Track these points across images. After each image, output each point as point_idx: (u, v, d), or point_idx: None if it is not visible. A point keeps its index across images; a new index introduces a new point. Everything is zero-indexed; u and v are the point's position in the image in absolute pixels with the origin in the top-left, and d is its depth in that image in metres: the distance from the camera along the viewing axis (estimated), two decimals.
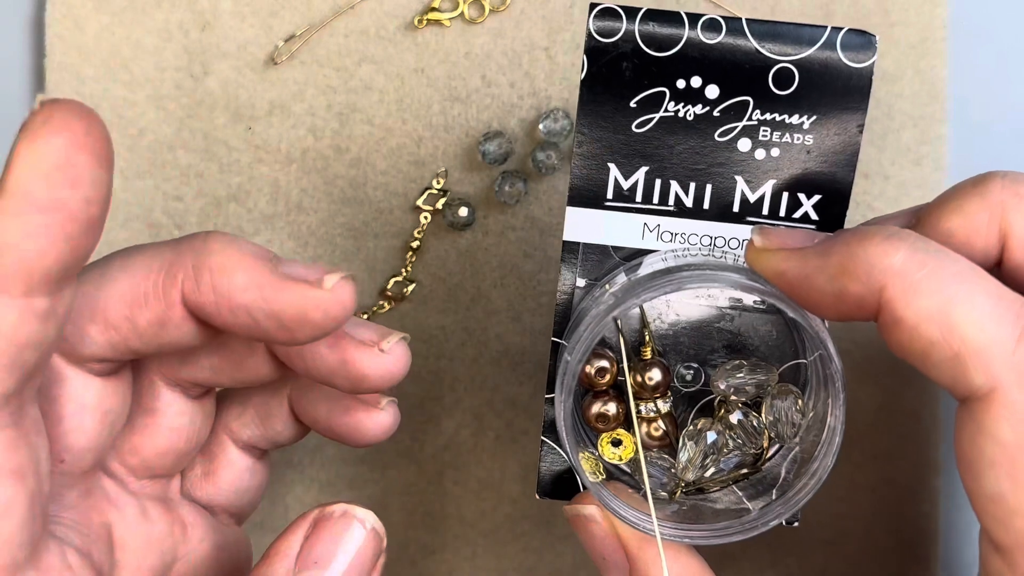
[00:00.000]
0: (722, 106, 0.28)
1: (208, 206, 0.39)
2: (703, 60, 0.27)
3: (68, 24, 0.39)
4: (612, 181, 0.28)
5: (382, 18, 0.39)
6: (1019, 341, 0.23)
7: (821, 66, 0.27)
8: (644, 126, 0.28)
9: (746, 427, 0.29)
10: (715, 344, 0.30)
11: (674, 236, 0.29)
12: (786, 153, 0.28)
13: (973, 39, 0.39)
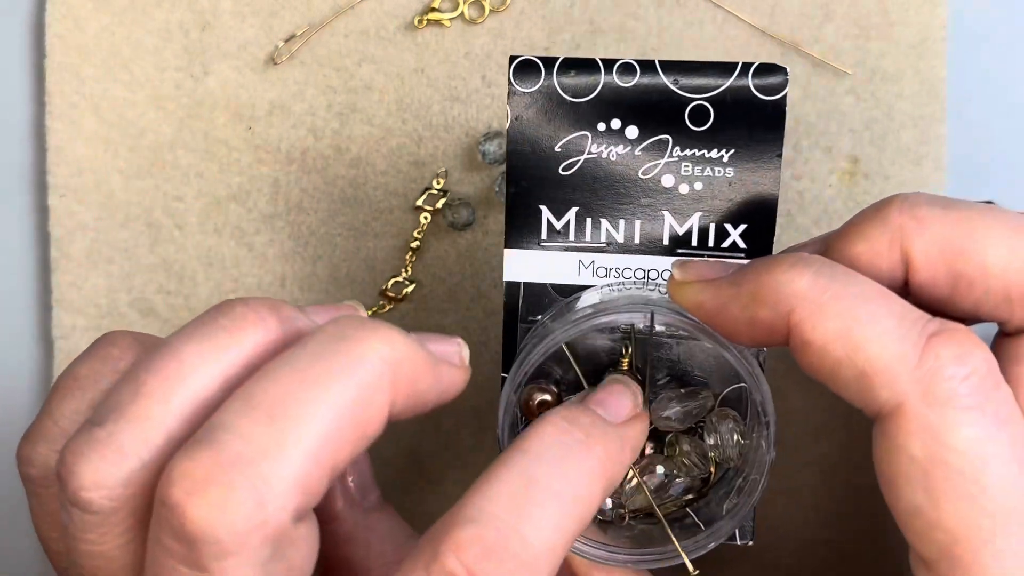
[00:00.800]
0: (643, 145, 0.29)
1: (208, 206, 0.39)
2: (620, 102, 0.28)
3: (68, 24, 0.39)
4: (545, 222, 0.29)
5: (382, 18, 0.39)
6: (922, 357, 0.23)
7: (734, 101, 0.28)
8: (570, 168, 0.29)
9: (693, 453, 0.30)
10: (657, 373, 0.30)
11: (608, 271, 0.29)
12: (709, 186, 0.29)
13: (973, 39, 0.39)
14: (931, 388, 0.23)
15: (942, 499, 0.23)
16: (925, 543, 0.24)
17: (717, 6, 0.38)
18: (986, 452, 0.23)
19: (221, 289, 0.39)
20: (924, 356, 0.23)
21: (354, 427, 0.23)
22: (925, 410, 0.23)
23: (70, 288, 0.39)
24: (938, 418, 0.23)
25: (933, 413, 0.23)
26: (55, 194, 0.39)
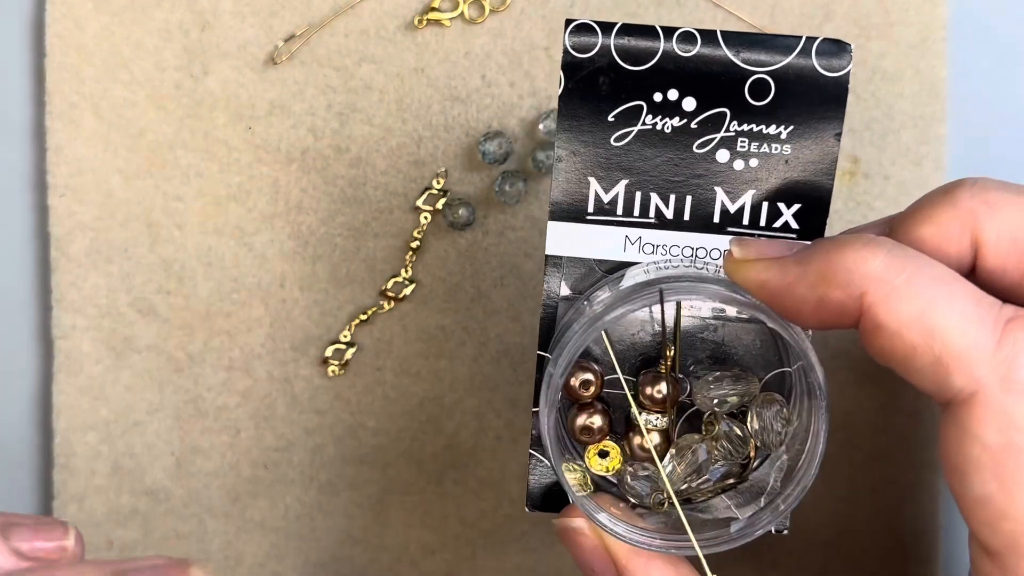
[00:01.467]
0: (699, 118, 0.28)
1: (208, 206, 0.39)
2: (679, 73, 0.27)
3: (68, 24, 0.39)
4: (593, 195, 0.28)
5: (382, 18, 0.39)
6: (999, 343, 0.23)
7: (797, 76, 0.27)
8: (623, 139, 0.28)
9: (732, 437, 0.29)
10: (699, 355, 0.30)
11: (656, 248, 0.29)
12: (765, 163, 0.28)
13: (973, 39, 0.39)
14: (1010, 374, 0.23)
15: (1015, 488, 0.23)
16: (993, 533, 0.24)
17: (717, 6, 0.38)
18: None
19: (221, 289, 0.39)
20: (1002, 342, 0.23)
21: None
22: (1002, 397, 0.23)
23: (70, 288, 0.39)
24: (1015, 405, 0.23)
25: (1010, 400, 0.23)
26: (55, 194, 0.39)
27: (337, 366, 0.39)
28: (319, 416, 0.39)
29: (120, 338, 0.39)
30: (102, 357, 0.39)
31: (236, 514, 0.40)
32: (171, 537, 0.40)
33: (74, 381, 0.39)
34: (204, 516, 0.40)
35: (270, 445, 0.39)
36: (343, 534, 0.40)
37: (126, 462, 0.40)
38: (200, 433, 0.39)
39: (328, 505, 0.39)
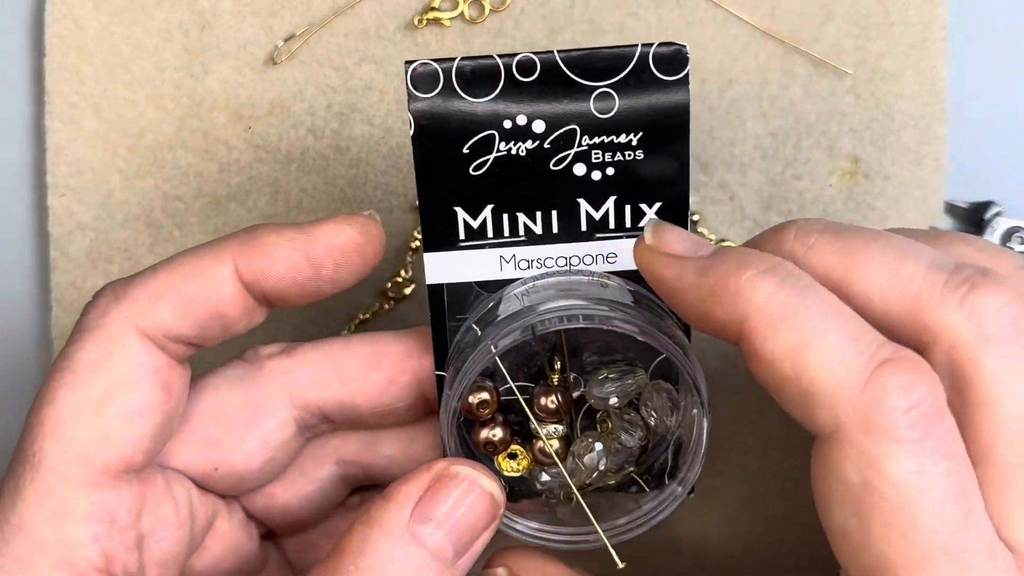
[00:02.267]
0: (551, 138, 0.28)
1: (208, 206, 0.39)
2: (524, 98, 0.28)
3: (68, 24, 0.39)
4: (461, 222, 0.29)
5: (382, 18, 0.39)
6: (867, 384, 0.23)
7: (638, 84, 0.28)
8: (480, 168, 0.29)
9: (626, 430, 0.30)
10: (591, 348, 0.30)
11: (531, 263, 0.29)
12: (621, 170, 0.29)
13: (973, 39, 0.39)
14: (872, 417, 0.23)
15: (872, 526, 0.23)
16: (854, 565, 0.24)
17: (717, 6, 0.38)
18: (920, 486, 0.23)
19: None
20: (870, 384, 0.23)
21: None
22: (862, 438, 0.23)
23: (69, 288, 0.39)
24: (875, 448, 0.23)
25: (871, 442, 0.23)
26: (54, 194, 0.39)
27: None
28: None
29: None
30: None
31: None
32: None
33: None
34: None
35: None
36: None
37: None
38: None
39: None
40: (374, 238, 0.29)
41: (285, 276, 0.28)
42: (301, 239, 0.28)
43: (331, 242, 0.28)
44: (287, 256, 0.28)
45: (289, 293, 0.29)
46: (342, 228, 0.28)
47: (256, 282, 0.28)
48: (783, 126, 0.38)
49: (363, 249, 0.29)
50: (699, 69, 0.38)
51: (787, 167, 0.38)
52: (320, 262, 0.28)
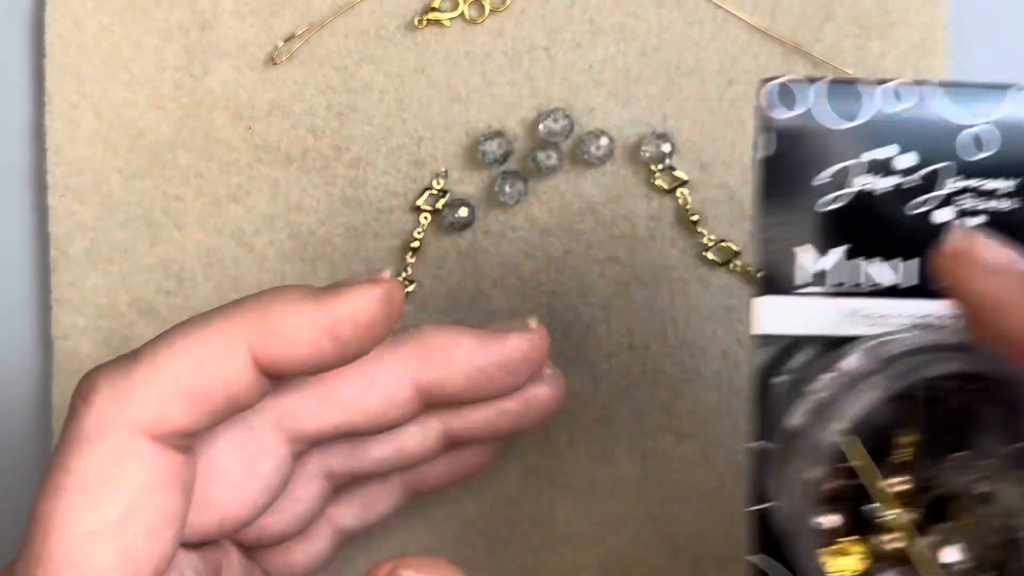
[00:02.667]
0: (915, 176, 0.25)
1: (208, 206, 0.39)
2: (890, 129, 0.25)
3: (68, 24, 0.39)
4: (801, 265, 0.26)
5: (382, 18, 0.39)
6: None
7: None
8: (831, 205, 0.26)
9: (984, 523, 0.25)
10: (934, 428, 0.26)
11: (877, 319, 0.26)
12: (993, 221, 0.25)
13: (974, 39, 0.39)
14: None
15: None
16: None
17: (717, 6, 0.38)
18: None
19: (221, 289, 0.39)
20: None
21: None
22: None
23: (69, 288, 0.39)
24: None
25: None
26: (54, 194, 0.39)
27: None
28: None
29: (120, 338, 0.39)
30: (102, 357, 0.39)
31: None
32: None
33: (74, 381, 0.39)
34: None
35: None
36: None
37: None
38: None
39: None
40: (397, 303, 0.27)
41: (308, 360, 0.26)
42: (323, 316, 0.25)
43: (357, 318, 0.26)
44: (309, 339, 0.25)
45: (308, 371, 0.27)
46: (368, 302, 0.26)
47: (274, 365, 0.26)
48: None
49: (389, 317, 0.26)
50: (699, 69, 0.38)
51: None
52: (345, 340, 0.26)
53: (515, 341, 0.30)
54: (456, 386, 0.29)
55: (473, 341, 0.29)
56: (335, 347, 0.26)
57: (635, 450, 0.39)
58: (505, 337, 0.30)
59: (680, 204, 0.38)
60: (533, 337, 0.30)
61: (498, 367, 0.29)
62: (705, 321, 0.39)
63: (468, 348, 0.29)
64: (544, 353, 0.30)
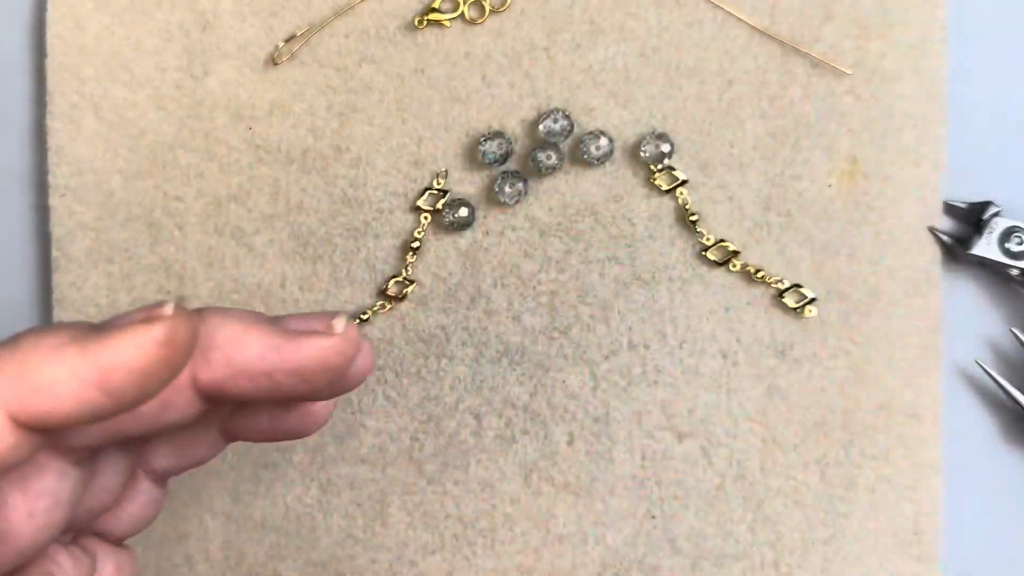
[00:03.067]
0: None
1: (209, 206, 0.39)
2: None
3: (69, 24, 0.39)
4: None
5: (382, 18, 0.39)
6: None
7: None
8: None
9: None
10: None
11: None
12: None
13: (972, 40, 0.39)
14: None
15: None
16: None
17: (717, 6, 0.38)
18: None
19: (221, 289, 0.39)
20: None
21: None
22: None
23: (71, 288, 0.39)
24: None
25: None
26: (56, 194, 0.39)
27: None
28: None
29: None
30: None
31: (237, 514, 0.40)
32: (172, 537, 0.40)
33: None
34: (205, 516, 0.40)
35: (270, 445, 0.40)
36: (343, 534, 0.40)
37: None
38: None
39: (328, 505, 0.40)
40: (183, 343, 0.23)
41: (76, 414, 0.22)
42: (87, 366, 0.22)
43: (129, 366, 0.22)
44: (73, 392, 0.22)
45: (85, 423, 0.23)
46: (141, 346, 0.22)
47: (38, 422, 0.22)
48: (782, 126, 0.38)
49: (172, 362, 0.22)
50: (698, 70, 0.38)
51: (786, 167, 0.38)
52: (119, 391, 0.22)
53: (312, 346, 0.25)
54: (239, 390, 0.25)
55: (263, 341, 0.25)
56: (108, 399, 0.22)
57: (634, 449, 0.39)
58: (301, 341, 0.25)
59: (679, 204, 0.39)
60: (336, 342, 0.25)
61: (289, 374, 0.25)
62: (704, 320, 0.39)
63: (256, 349, 0.25)
64: (348, 359, 0.25)
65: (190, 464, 0.30)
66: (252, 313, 0.26)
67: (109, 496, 0.28)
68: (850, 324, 0.38)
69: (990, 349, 0.39)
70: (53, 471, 0.25)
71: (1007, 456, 0.39)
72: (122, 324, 0.22)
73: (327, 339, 0.25)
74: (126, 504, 0.29)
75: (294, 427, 0.29)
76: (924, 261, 0.38)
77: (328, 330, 0.25)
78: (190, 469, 0.30)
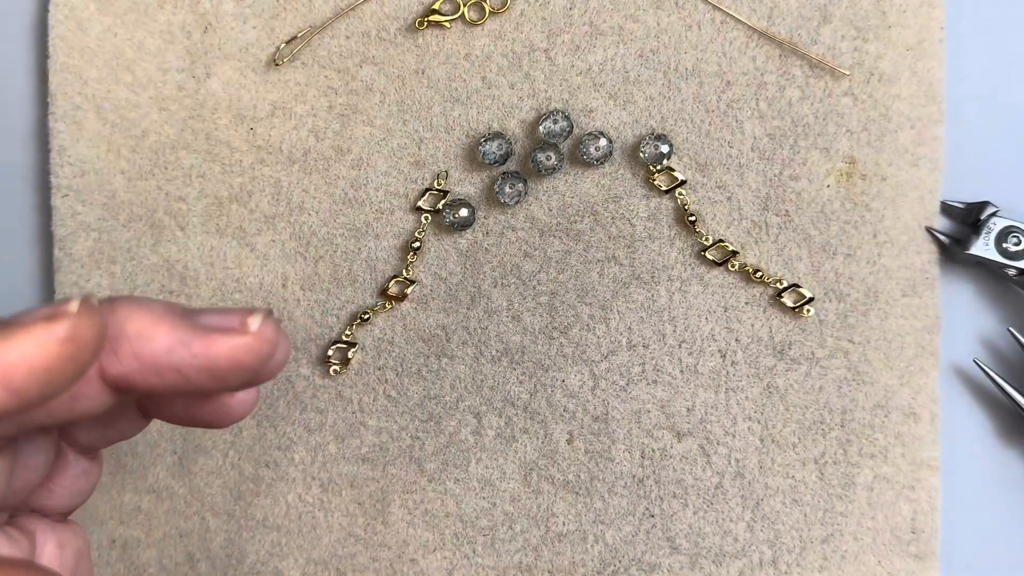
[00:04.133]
0: None
1: (210, 207, 0.39)
2: None
3: (71, 26, 0.39)
4: None
5: (383, 20, 0.39)
6: None
7: None
8: None
9: None
10: None
11: None
12: None
13: (970, 41, 0.39)
14: None
15: None
16: None
17: (715, 8, 0.39)
18: None
19: (223, 289, 0.39)
20: None
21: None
22: None
23: (73, 288, 0.40)
24: None
25: None
26: (58, 194, 0.40)
27: (338, 365, 0.39)
28: (320, 415, 0.40)
29: None
30: None
31: (238, 512, 0.40)
32: (174, 535, 0.40)
33: None
34: (206, 514, 0.40)
35: (272, 443, 0.40)
36: (344, 532, 0.40)
37: (129, 460, 0.40)
38: (202, 432, 0.40)
39: (329, 503, 0.40)
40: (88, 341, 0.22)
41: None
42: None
43: (31, 364, 0.21)
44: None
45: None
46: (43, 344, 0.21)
47: None
48: (780, 127, 0.39)
49: (77, 359, 0.22)
50: (697, 71, 0.39)
51: (784, 168, 0.39)
52: (22, 389, 0.22)
53: (223, 344, 0.24)
54: (147, 384, 0.24)
55: (172, 336, 0.24)
56: (12, 397, 0.21)
57: (633, 448, 0.39)
58: (212, 338, 0.24)
59: (678, 204, 0.39)
60: (249, 341, 0.24)
61: (198, 371, 0.24)
62: (703, 320, 0.39)
63: (164, 343, 0.24)
64: (263, 358, 0.24)
65: (116, 438, 0.29)
66: (165, 304, 0.25)
67: (35, 475, 0.27)
68: (848, 324, 0.39)
69: (988, 349, 0.39)
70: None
71: (1004, 455, 0.39)
72: (25, 321, 0.22)
73: (240, 337, 0.24)
74: (58, 479, 0.29)
75: (210, 417, 0.28)
76: (922, 261, 0.39)
77: (243, 328, 0.24)
78: (117, 442, 0.30)
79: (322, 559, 0.40)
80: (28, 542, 0.28)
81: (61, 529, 0.29)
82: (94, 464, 0.30)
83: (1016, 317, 0.39)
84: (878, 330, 0.39)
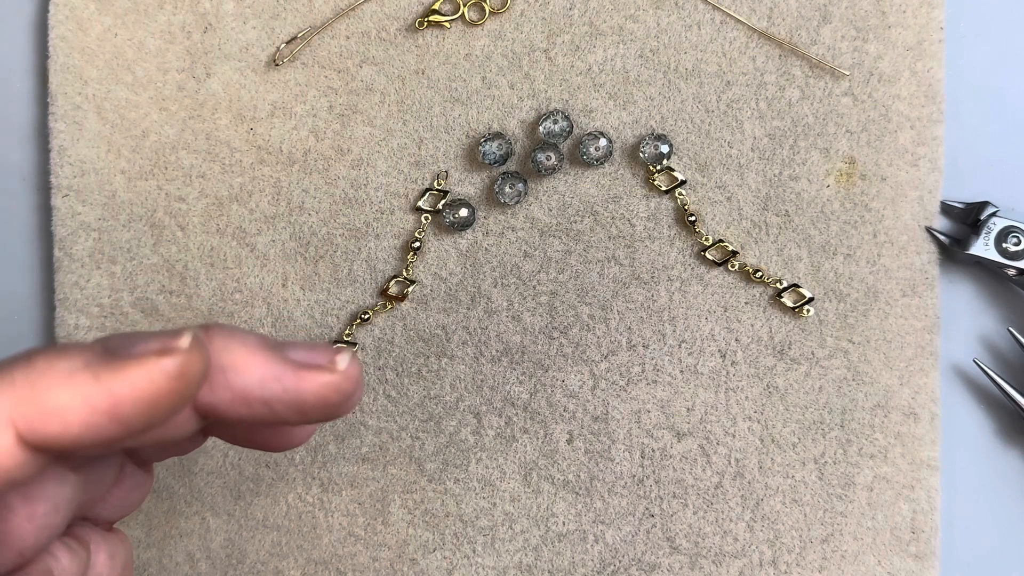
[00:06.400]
0: None
1: (211, 207, 0.39)
2: None
3: (71, 26, 0.39)
4: None
5: (383, 20, 0.39)
6: None
7: None
8: None
9: None
10: None
11: None
12: None
13: (970, 41, 0.39)
14: None
15: None
16: None
17: (715, 8, 0.39)
18: None
19: (223, 289, 0.39)
20: None
21: None
22: None
23: (73, 288, 0.40)
24: None
25: None
26: (58, 194, 0.40)
27: None
28: None
29: None
30: None
31: (238, 512, 0.40)
32: (174, 535, 0.40)
33: None
34: (207, 514, 0.40)
35: None
36: (344, 532, 0.40)
37: None
38: None
39: (329, 503, 0.40)
40: (194, 377, 0.23)
41: (85, 440, 0.22)
42: (99, 394, 0.22)
43: (139, 397, 0.22)
44: (83, 419, 0.22)
45: (95, 450, 0.23)
46: (153, 379, 0.22)
47: (46, 444, 0.22)
48: (780, 127, 0.39)
49: (182, 394, 0.22)
50: (697, 71, 0.39)
51: (784, 168, 0.39)
52: (129, 420, 0.22)
53: (314, 382, 0.25)
54: (235, 414, 0.25)
55: (266, 369, 0.24)
56: (117, 427, 0.22)
57: (633, 448, 0.39)
58: (303, 374, 0.25)
59: (678, 204, 0.39)
60: (338, 380, 0.25)
61: (287, 405, 0.25)
62: (703, 320, 0.39)
63: (258, 377, 0.24)
64: (347, 397, 0.25)
65: (175, 453, 0.30)
66: (258, 337, 0.25)
67: (103, 488, 0.28)
68: (848, 324, 0.39)
69: (987, 348, 0.39)
70: (53, 477, 0.25)
71: (1004, 455, 0.40)
72: (137, 353, 0.22)
73: (330, 375, 0.25)
74: (115, 490, 0.29)
75: (271, 442, 0.29)
76: (921, 261, 0.39)
77: (331, 366, 0.25)
78: (173, 457, 0.30)
79: (322, 559, 0.40)
80: (85, 554, 0.28)
81: (111, 538, 0.30)
82: (148, 476, 0.30)
83: (1016, 317, 0.39)
84: (878, 330, 0.39)
